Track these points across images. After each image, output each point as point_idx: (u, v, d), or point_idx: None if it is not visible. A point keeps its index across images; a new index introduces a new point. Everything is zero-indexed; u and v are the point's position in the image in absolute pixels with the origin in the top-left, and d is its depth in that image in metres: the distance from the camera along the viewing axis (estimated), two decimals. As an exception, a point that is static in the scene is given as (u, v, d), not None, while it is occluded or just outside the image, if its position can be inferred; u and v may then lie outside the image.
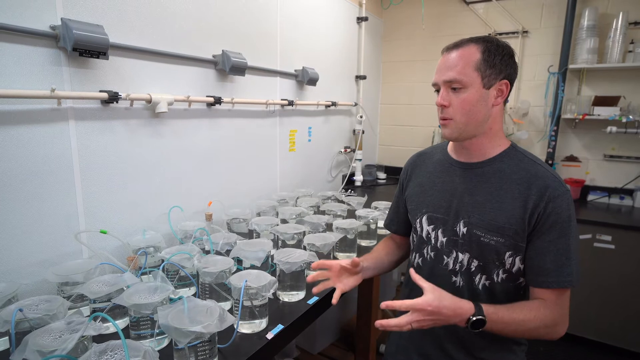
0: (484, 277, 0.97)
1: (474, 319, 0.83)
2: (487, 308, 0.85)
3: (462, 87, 0.91)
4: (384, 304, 0.85)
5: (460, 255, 0.98)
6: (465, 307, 0.83)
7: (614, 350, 2.38)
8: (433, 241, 1.04)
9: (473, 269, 0.97)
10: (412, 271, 0.93)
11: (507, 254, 0.93)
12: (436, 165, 1.10)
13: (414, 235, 1.11)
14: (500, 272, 0.95)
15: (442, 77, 0.94)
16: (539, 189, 0.90)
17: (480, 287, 0.97)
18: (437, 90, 0.98)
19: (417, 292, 1.08)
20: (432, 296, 0.83)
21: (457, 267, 0.99)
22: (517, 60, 0.96)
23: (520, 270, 0.94)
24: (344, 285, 1.06)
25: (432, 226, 1.04)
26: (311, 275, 1.09)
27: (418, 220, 1.08)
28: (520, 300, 0.95)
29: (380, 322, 0.84)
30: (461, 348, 1.01)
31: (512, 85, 0.95)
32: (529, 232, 0.90)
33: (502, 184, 0.94)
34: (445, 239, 1.01)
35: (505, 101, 0.97)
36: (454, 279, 1.00)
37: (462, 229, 0.97)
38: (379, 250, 1.23)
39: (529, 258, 0.92)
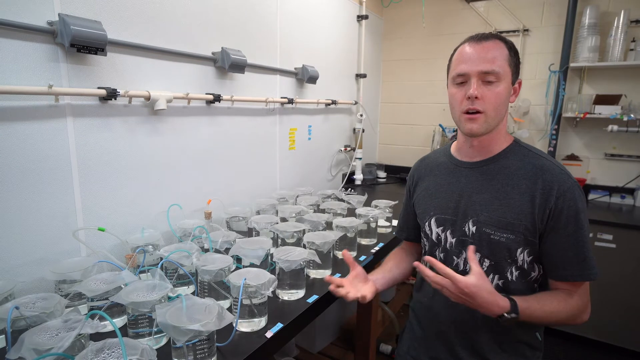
0: (496, 276, 0.95)
1: (508, 316, 0.84)
2: (521, 304, 0.86)
3: (497, 81, 0.89)
4: (427, 259, 0.91)
5: None
6: (501, 304, 0.85)
7: (614, 350, 2.37)
8: (443, 242, 1.03)
9: (485, 268, 0.96)
10: (471, 249, 0.89)
11: (519, 250, 0.92)
12: (441, 168, 1.09)
13: (425, 240, 1.10)
14: (513, 269, 0.94)
15: (477, 67, 0.89)
16: (546, 183, 0.90)
17: (493, 287, 0.94)
18: (462, 83, 0.92)
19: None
20: (475, 281, 0.83)
21: (468, 267, 0.97)
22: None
23: (530, 264, 0.94)
24: (356, 290, 1.04)
25: (441, 228, 1.03)
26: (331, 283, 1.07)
27: (427, 224, 1.07)
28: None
29: (419, 265, 0.90)
30: (473, 353, 1.00)
31: None
32: (542, 228, 0.90)
33: (509, 180, 0.94)
34: (455, 239, 1.00)
35: None
36: None
37: (471, 228, 0.97)
38: (388, 262, 1.22)
39: (547, 253, 0.91)
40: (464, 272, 0.98)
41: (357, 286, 1.06)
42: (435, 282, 0.86)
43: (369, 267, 1.61)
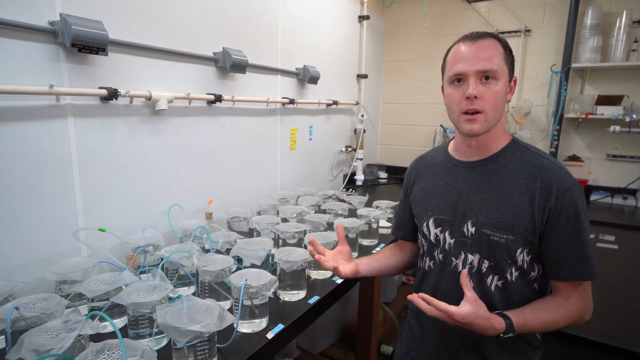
0: (496, 277, 0.94)
1: (505, 336, 0.85)
2: (517, 320, 0.86)
3: (494, 79, 0.88)
4: (415, 296, 0.87)
5: (470, 257, 0.96)
6: (496, 327, 0.84)
7: (615, 351, 2.37)
8: (441, 243, 1.02)
9: (484, 270, 0.95)
10: (464, 273, 0.87)
11: (518, 250, 0.91)
12: (439, 168, 1.07)
13: (423, 240, 1.09)
14: (513, 270, 0.93)
15: (474, 66, 0.88)
16: (545, 182, 0.88)
17: (492, 288, 0.94)
18: (458, 80, 0.92)
19: (429, 283, 1.06)
20: (470, 310, 0.83)
21: (467, 268, 0.96)
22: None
23: (530, 264, 0.93)
24: (334, 261, 1.08)
25: (439, 228, 1.02)
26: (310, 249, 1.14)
27: (425, 224, 1.05)
28: (535, 299, 0.94)
29: (413, 297, 0.87)
30: (474, 353, 0.99)
31: None
32: (542, 228, 0.89)
33: (507, 180, 0.92)
34: (453, 240, 0.99)
35: None
36: None
37: (470, 229, 0.95)
38: (383, 252, 1.23)
39: (547, 252, 0.90)
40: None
41: (339, 261, 1.10)
42: (433, 315, 0.86)
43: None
